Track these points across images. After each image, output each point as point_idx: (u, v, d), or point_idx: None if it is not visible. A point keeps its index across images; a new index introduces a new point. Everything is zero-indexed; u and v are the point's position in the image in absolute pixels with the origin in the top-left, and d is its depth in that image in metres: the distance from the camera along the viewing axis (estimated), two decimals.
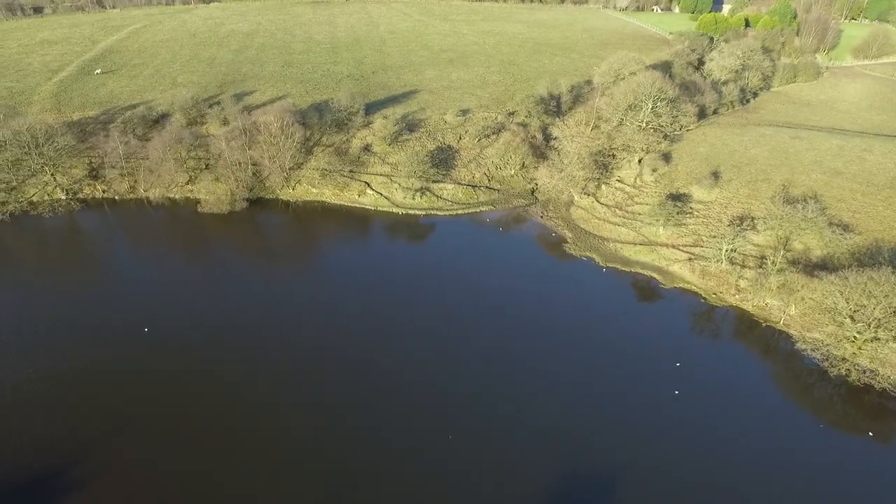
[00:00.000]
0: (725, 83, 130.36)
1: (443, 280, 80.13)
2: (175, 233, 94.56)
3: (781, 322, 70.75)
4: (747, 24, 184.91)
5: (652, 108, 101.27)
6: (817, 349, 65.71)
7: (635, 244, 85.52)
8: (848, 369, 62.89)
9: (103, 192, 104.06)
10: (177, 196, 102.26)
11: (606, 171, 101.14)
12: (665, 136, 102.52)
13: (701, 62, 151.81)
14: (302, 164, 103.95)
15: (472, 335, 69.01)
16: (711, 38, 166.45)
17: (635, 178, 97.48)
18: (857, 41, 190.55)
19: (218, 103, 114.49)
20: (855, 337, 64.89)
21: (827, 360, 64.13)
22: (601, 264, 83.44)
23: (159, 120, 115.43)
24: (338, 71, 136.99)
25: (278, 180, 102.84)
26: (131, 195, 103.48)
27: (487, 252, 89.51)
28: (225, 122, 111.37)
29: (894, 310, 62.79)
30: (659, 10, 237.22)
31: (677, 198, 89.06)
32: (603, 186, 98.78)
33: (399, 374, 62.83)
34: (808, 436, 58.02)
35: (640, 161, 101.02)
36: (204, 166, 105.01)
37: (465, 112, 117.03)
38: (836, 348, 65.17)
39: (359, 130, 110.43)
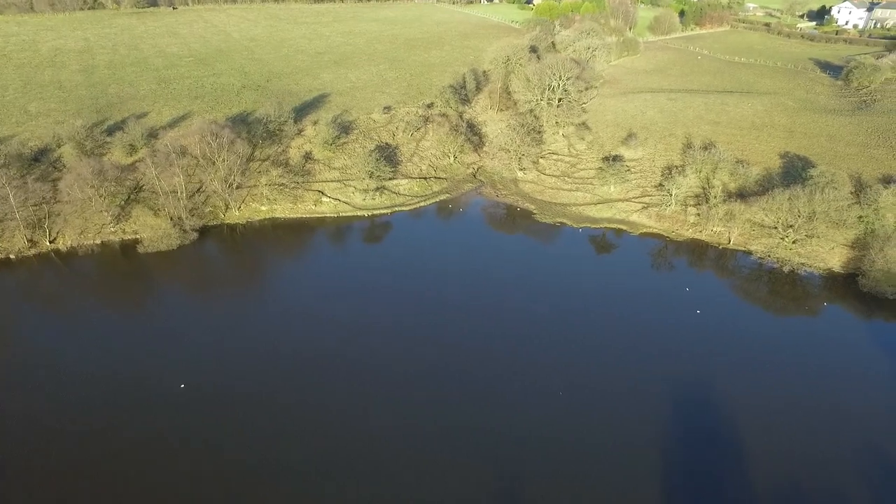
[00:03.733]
0: (588, 61, 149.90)
1: (437, 269, 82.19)
2: (126, 285, 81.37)
3: (731, 243, 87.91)
4: (572, 10, 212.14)
5: (563, 86, 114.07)
6: (764, 256, 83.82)
7: (594, 204, 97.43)
8: (791, 267, 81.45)
9: None
10: (96, 241, 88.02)
11: (538, 147, 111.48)
12: (579, 110, 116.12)
13: (554, 45, 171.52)
14: (242, 182, 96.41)
15: (490, 314, 72.30)
16: (554, 24, 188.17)
17: (568, 149, 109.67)
18: (648, 21, 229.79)
19: (121, 129, 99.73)
20: (783, 240, 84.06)
21: (777, 262, 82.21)
22: (574, 226, 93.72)
23: (38, 157, 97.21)
24: (227, 83, 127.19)
25: (221, 203, 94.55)
26: (32, 251, 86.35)
27: (467, 235, 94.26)
28: (132, 150, 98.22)
29: (807, 216, 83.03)
30: (485, 2, 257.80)
31: (612, 160, 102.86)
32: (540, 161, 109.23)
33: (438, 360, 65.62)
34: (778, 317, 75.21)
35: (563, 134, 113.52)
36: (123, 202, 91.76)
37: (388, 109, 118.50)
38: (775, 253, 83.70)
39: (292, 139, 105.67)
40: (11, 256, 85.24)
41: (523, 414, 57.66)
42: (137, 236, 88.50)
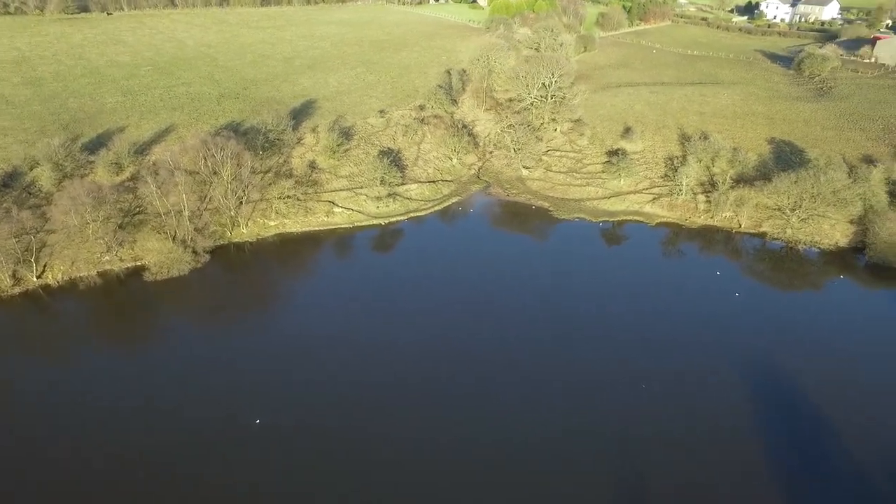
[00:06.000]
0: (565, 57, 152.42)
1: (467, 276, 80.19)
2: (138, 319, 73.67)
3: (742, 227, 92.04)
4: (526, 8, 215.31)
5: (556, 83, 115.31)
6: (776, 237, 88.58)
7: (607, 198, 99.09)
8: (804, 244, 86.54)
9: None
10: (92, 272, 79.62)
11: (538, 145, 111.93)
12: (573, 106, 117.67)
13: (519, 42, 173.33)
14: (249, 197, 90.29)
15: (532, 317, 71.73)
16: (513, 22, 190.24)
17: (570, 145, 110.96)
18: (595, 17, 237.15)
19: (101, 146, 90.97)
20: (790, 220, 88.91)
21: (789, 241, 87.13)
22: (593, 220, 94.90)
23: (7, 182, 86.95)
24: (202, 92, 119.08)
25: (227, 221, 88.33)
26: (17, 289, 76.91)
27: (490, 237, 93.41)
28: (118, 168, 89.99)
29: (811, 197, 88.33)
30: (433, 2, 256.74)
31: (616, 153, 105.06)
32: (545, 158, 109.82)
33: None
34: (804, 291, 79.94)
35: (560, 131, 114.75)
36: (117, 226, 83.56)
37: (383, 113, 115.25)
38: (786, 234, 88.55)
39: (293, 149, 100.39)
40: None
41: (605, 409, 57.78)
42: (140, 263, 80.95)
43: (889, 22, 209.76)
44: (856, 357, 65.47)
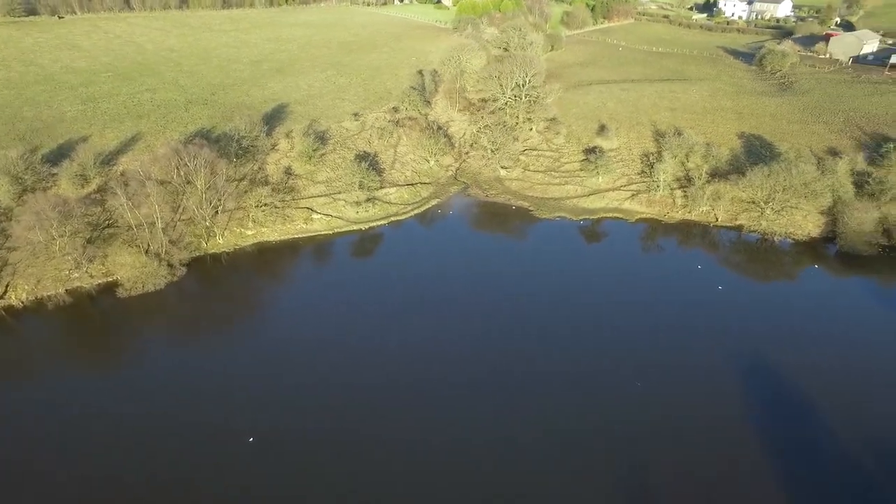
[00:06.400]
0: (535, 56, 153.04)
1: (454, 280, 79.60)
2: (113, 337, 70.66)
3: (719, 220, 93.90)
4: (492, 8, 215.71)
5: (530, 82, 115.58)
6: (753, 229, 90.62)
7: (586, 196, 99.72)
8: (779, 236, 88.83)
9: None
10: (60, 290, 75.81)
11: (515, 144, 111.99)
12: (547, 104, 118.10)
13: (488, 42, 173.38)
14: (220, 207, 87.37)
15: (523, 317, 71.80)
16: (481, 22, 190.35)
17: (547, 144, 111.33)
18: (560, 16, 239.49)
19: (64, 157, 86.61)
20: (764, 213, 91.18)
21: (765, 233, 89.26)
22: (574, 219, 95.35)
23: None
24: (168, 99, 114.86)
25: (202, 232, 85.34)
26: None
27: (473, 239, 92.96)
28: (84, 180, 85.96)
29: (782, 188, 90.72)
30: (398, 3, 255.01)
31: (592, 151, 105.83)
32: (522, 157, 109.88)
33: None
34: (781, 281, 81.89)
35: (536, 130, 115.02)
36: (86, 241, 79.70)
37: (357, 116, 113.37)
38: (761, 226, 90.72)
39: (267, 155, 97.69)
40: None
41: (596, 407, 58.05)
42: (113, 279, 77.54)
43: (838, 19, 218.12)
44: (833, 346, 67.19)
